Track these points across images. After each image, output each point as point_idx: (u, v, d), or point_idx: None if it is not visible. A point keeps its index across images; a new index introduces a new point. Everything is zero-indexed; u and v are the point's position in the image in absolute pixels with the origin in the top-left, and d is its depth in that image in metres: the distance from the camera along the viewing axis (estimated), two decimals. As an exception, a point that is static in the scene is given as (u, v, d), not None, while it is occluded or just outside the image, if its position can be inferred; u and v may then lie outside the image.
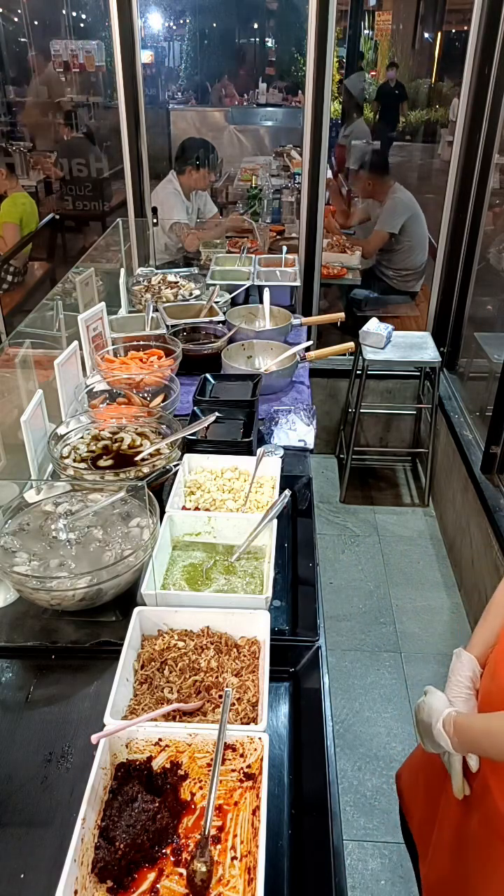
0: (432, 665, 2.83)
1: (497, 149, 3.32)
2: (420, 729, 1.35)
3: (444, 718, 1.26)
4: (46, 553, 1.39)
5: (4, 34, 6.72)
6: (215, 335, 2.53)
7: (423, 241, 4.51)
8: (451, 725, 1.25)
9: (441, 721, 1.26)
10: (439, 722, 1.26)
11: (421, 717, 1.34)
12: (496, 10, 3.03)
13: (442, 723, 1.26)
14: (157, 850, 0.94)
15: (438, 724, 1.26)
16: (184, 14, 8.93)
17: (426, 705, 1.33)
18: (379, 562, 3.41)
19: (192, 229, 3.94)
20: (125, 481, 1.56)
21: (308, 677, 1.29)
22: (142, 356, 2.23)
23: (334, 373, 3.98)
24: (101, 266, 3.17)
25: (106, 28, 3.87)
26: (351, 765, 2.45)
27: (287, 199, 4.89)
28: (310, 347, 2.50)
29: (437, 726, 1.26)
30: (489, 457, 2.95)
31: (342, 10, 7.06)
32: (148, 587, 1.30)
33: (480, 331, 3.67)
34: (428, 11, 8.84)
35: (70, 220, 6.05)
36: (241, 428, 1.92)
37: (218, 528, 1.51)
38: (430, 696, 1.34)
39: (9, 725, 1.20)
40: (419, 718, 1.35)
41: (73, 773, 1.10)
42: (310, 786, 1.10)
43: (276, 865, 0.98)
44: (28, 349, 2.21)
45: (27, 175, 5.93)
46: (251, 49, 9.68)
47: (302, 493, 1.79)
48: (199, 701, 1.13)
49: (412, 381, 3.95)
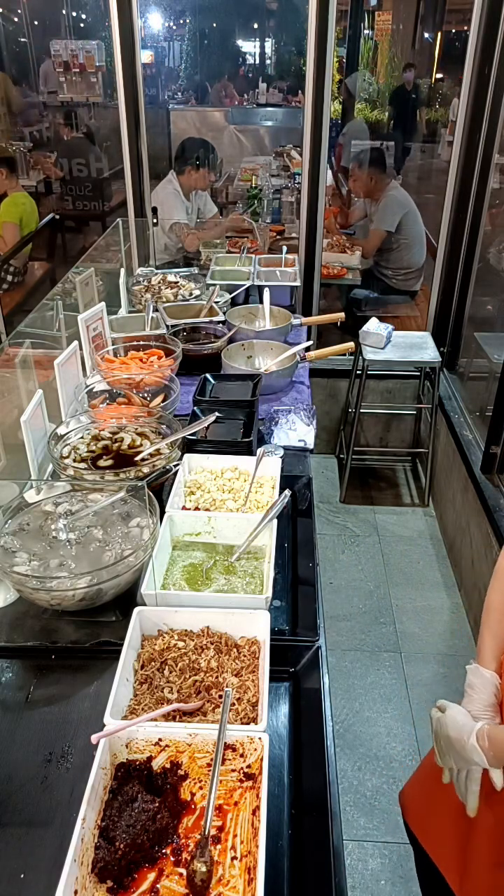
0: (432, 665, 2.83)
1: (497, 149, 3.32)
2: (442, 745, 1.30)
3: (476, 733, 1.23)
4: (46, 553, 1.39)
5: (4, 34, 6.72)
6: (215, 335, 2.53)
7: (420, 238, 4.51)
8: (486, 739, 1.21)
9: (474, 736, 1.22)
10: (472, 736, 1.22)
11: (446, 733, 1.28)
12: (496, 10, 3.03)
13: (475, 737, 1.22)
14: (157, 850, 0.94)
15: (472, 739, 1.22)
16: (184, 14, 8.93)
17: (450, 720, 1.28)
18: (379, 562, 3.41)
19: (192, 229, 3.94)
20: (125, 481, 1.56)
21: (308, 677, 1.29)
22: (142, 356, 2.23)
23: (334, 373, 3.98)
24: (101, 266, 3.17)
25: (106, 28, 3.86)
26: (351, 765, 2.45)
27: (287, 199, 4.90)
28: (310, 347, 2.50)
29: (472, 741, 1.22)
30: (489, 457, 2.95)
31: (342, 10, 7.06)
32: (148, 587, 1.30)
33: (480, 331, 3.67)
34: (428, 11, 8.83)
35: (70, 220, 6.05)
36: (241, 428, 1.92)
37: (218, 528, 1.51)
38: (452, 710, 1.30)
39: (9, 725, 1.20)
40: (443, 734, 1.30)
41: (73, 773, 1.10)
42: (310, 786, 1.10)
43: (276, 865, 0.98)
44: (28, 349, 2.21)
45: (27, 175, 5.93)
46: (251, 49, 9.68)
47: (302, 493, 1.79)
48: (199, 701, 1.13)
49: (412, 381, 3.95)
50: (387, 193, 4.45)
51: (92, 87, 6.20)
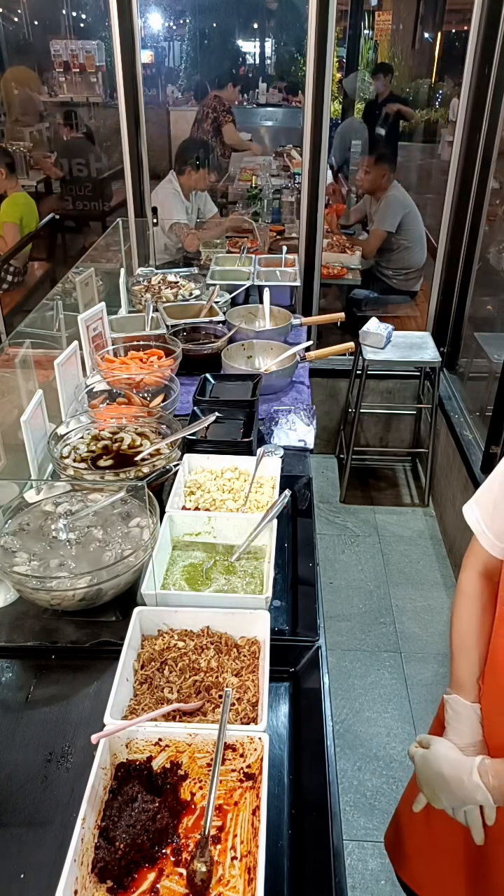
0: (432, 665, 2.83)
1: (497, 149, 3.32)
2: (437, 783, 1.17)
3: (477, 769, 1.12)
4: (46, 553, 1.39)
5: (4, 34, 6.71)
6: (215, 335, 2.53)
7: (421, 238, 4.51)
8: (490, 776, 1.10)
9: (475, 772, 1.11)
10: (474, 773, 1.11)
11: (438, 771, 1.16)
12: (496, 10, 3.03)
13: (477, 774, 1.11)
14: (157, 850, 0.94)
15: (475, 777, 1.11)
16: (184, 14, 8.92)
17: (441, 757, 1.17)
18: (379, 562, 3.41)
19: (192, 229, 3.94)
20: (125, 481, 1.56)
21: (308, 677, 1.29)
22: (142, 356, 2.23)
23: (334, 373, 3.98)
24: (101, 266, 3.17)
25: (106, 28, 3.86)
26: (351, 765, 2.45)
27: (287, 199, 4.90)
28: (310, 347, 2.50)
29: (474, 778, 1.11)
30: (489, 457, 2.95)
31: (342, 10, 7.04)
32: (148, 587, 1.30)
33: (480, 331, 3.67)
34: (428, 11, 8.82)
35: (70, 220, 6.05)
36: (241, 428, 1.92)
37: (218, 528, 1.51)
38: (440, 746, 1.19)
39: (9, 725, 1.20)
40: (433, 772, 1.17)
41: (73, 773, 1.10)
42: (310, 786, 1.09)
43: (276, 865, 0.98)
44: (28, 349, 2.20)
45: (27, 175, 5.93)
46: (251, 49, 9.67)
47: (302, 493, 1.79)
48: (199, 701, 1.13)
49: (412, 381, 3.95)
50: (387, 194, 4.45)
51: (92, 87, 6.21)
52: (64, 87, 6.25)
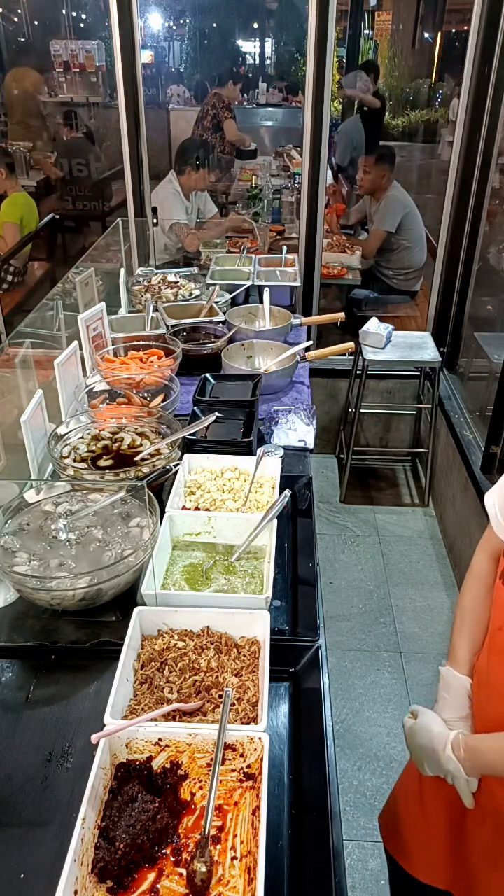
0: (432, 665, 2.83)
1: (497, 149, 3.32)
2: (419, 754, 1.28)
3: (451, 743, 1.20)
4: (46, 553, 1.39)
5: (4, 34, 6.71)
6: (215, 335, 2.53)
7: (421, 238, 4.51)
8: (461, 749, 1.19)
9: (448, 746, 1.20)
10: (447, 748, 1.20)
11: (420, 743, 1.26)
12: (496, 10, 3.03)
13: (450, 747, 1.20)
14: (157, 850, 0.94)
15: (448, 751, 1.20)
16: (184, 14, 8.92)
17: (421, 728, 1.26)
18: (379, 562, 3.41)
19: (192, 229, 3.94)
20: (125, 481, 1.56)
21: (308, 677, 1.29)
22: (142, 356, 2.23)
23: (334, 373, 3.98)
24: (101, 266, 3.17)
25: (106, 28, 3.86)
26: (351, 765, 2.45)
27: (287, 199, 4.90)
28: (310, 347, 2.50)
29: (447, 752, 1.20)
30: (489, 457, 2.95)
31: (342, 10, 7.04)
32: (148, 587, 1.30)
33: (480, 331, 3.67)
34: (428, 11, 8.82)
35: (70, 220, 6.05)
36: (241, 428, 1.92)
37: (218, 528, 1.51)
38: (425, 718, 1.27)
39: (9, 725, 1.20)
40: (417, 743, 1.28)
41: (73, 773, 1.10)
42: (310, 786, 1.09)
43: (276, 865, 0.98)
44: (28, 349, 2.20)
45: (27, 175, 5.93)
46: (251, 49, 9.67)
47: (302, 493, 1.79)
48: (199, 701, 1.13)
49: (412, 381, 3.95)
50: (387, 194, 4.45)
51: (92, 87, 6.21)
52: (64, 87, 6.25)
